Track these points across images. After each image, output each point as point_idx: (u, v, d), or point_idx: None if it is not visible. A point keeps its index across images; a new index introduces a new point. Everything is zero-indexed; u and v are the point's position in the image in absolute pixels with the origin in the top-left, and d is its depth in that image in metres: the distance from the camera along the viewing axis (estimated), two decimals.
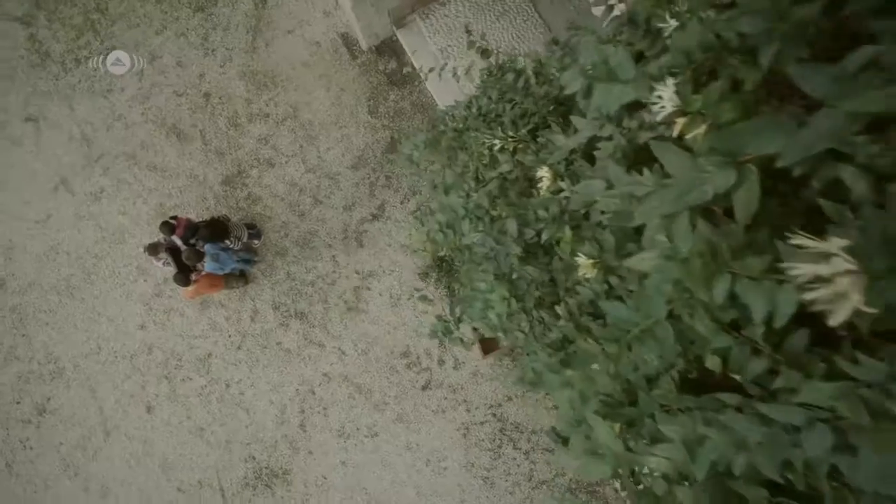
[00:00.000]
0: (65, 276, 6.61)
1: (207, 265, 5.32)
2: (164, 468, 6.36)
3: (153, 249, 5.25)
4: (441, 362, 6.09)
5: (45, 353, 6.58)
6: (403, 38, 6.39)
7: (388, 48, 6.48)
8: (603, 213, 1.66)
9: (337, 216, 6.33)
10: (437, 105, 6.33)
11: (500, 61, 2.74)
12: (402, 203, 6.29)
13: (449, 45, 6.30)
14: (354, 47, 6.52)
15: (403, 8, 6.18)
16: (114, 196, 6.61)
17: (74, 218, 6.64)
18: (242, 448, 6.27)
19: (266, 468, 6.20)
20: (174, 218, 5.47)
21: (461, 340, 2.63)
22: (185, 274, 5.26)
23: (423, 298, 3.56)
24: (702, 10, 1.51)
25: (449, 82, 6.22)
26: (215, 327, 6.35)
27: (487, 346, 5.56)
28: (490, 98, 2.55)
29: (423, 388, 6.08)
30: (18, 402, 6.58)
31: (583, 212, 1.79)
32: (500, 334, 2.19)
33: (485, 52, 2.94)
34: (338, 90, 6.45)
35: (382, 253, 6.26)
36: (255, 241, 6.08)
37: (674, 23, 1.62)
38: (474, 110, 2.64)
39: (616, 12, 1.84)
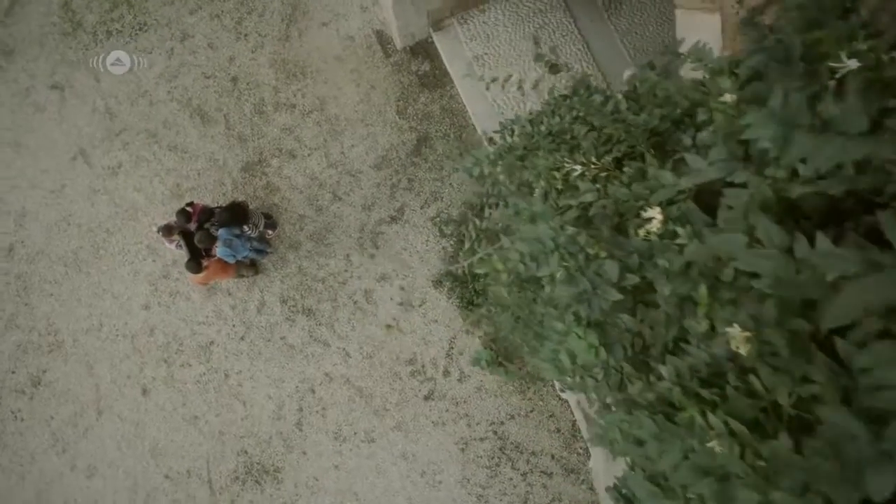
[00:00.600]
0: (74, 248, 6.51)
1: (219, 250, 5.21)
2: (153, 453, 6.24)
3: (167, 231, 5.15)
4: (447, 373, 5.96)
5: (47, 324, 6.47)
6: (439, 41, 6.30)
7: (423, 49, 6.38)
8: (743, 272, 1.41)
9: (355, 215, 6.22)
10: (466, 111, 6.23)
11: (571, 79, 2.60)
12: (421, 208, 6.18)
13: (486, 54, 6.21)
14: (389, 45, 6.43)
15: (443, 10, 6.09)
16: (131, 172, 6.52)
17: (89, 190, 6.55)
18: (235, 441, 6.14)
19: (258, 464, 6.07)
20: (190, 205, 5.36)
21: (505, 372, 2.47)
22: (197, 260, 5.15)
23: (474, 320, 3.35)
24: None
25: (479, 89, 6.13)
26: (220, 315, 6.24)
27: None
28: (561, 117, 2.40)
29: (426, 398, 5.94)
30: (14, 372, 6.47)
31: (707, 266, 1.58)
32: (567, 378, 2.02)
33: (553, 68, 2.81)
34: (367, 87, 6.36)
35: (397, 256, 6.15)
36: (270, 232, 5.97)
37: (853, 63, 1.36)
38: (542, 128, 2.48)
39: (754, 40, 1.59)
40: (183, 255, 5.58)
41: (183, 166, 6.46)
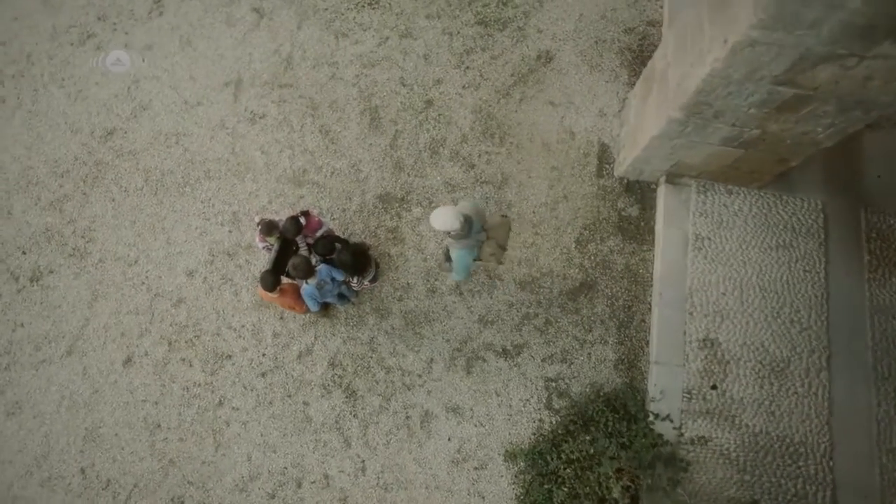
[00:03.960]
0: (165, 168, 5.57)
1: (306, 288, 4.06)
2: (87, 436, 4.97)
3: (268, 228, 4.06)
4: None
5: (87, 226, 5.48)
6: (664, 195, 5.13)
7: (640, 191, 5.24)
8: None
9: (466, 321, 4.97)
10: (651, 293, 4.96)
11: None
12: (543, 360, 4.86)
13: (708, 239, 4.98)
14: (607, 165, 5.33)
15: (691, 168, 4.95)
16: (268, 130, 5.60)
17: (218, 123, 5.66)
18: (180, 482, 4.79)
19: None
20: (306, 214, 4.28)
21: None
22: (276, 276, 4.01)
23: None
24: None
25: (680, 280, 4.88)
26: (257, 334, 5.04)
27: None
28: None
29: None
30: (24, 253, 5.47)
31: None
32: None
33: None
34: (560, 195, 5.24)
35: (485, 397, 4.80)
36: (368, 283, 4.81)
37: None
38: None
39: None
40: (264, 259, 4.49)
41: (322, 156, 5.48)
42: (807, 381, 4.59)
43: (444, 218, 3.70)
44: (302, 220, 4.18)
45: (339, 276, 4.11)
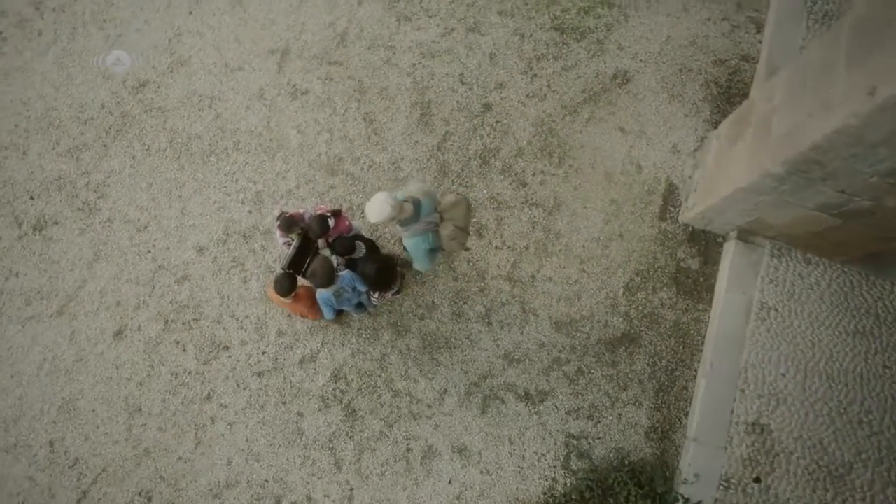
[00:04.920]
0: (193, 131, 5.16)
1: (322, 294, 3.60)
2: (63, 407, 4.59)
3: (287, 224, 3.59)
4: None
5: (102, 181, 5.10)
6: (731, 252, 4.55)
7: (704, 242, 4.68)
8: None
9: (490, 355, 4.47)
10: (699, 358, 4.40)
11: None
12: (567, 413, 4.33)
13: (775, 310, 4.40)
14: (671, 208, 4.78)
15: (767, 229, 4.37)
16: (308, 108, 5.15)
17: (256, 93, 5.23)
18: (152, 476, 4.39)
19: None
20: (336, 213, 3.80)
21: None
22: (293, 279, 3.55)
23: None
24: None
25: (735, 354, 4.31)
26: (260, 329, 4.61)
27: None
28: None
29: None
30: (32, 199, 5.11)
31: None
32: None
33: None
34: (615, 232, 4.70)
35: (496, 441, 4.30)
36: (389, 295, 4.33)
37: None
38: None
39: None
40: (281, 254, 4.04)
41: (362, 145, 5.01)
42: (869, 494, 3.99)
43: (375, 207, 3.17)
44: (331, 220, 3.71)
45: (362, 287, 3.65)
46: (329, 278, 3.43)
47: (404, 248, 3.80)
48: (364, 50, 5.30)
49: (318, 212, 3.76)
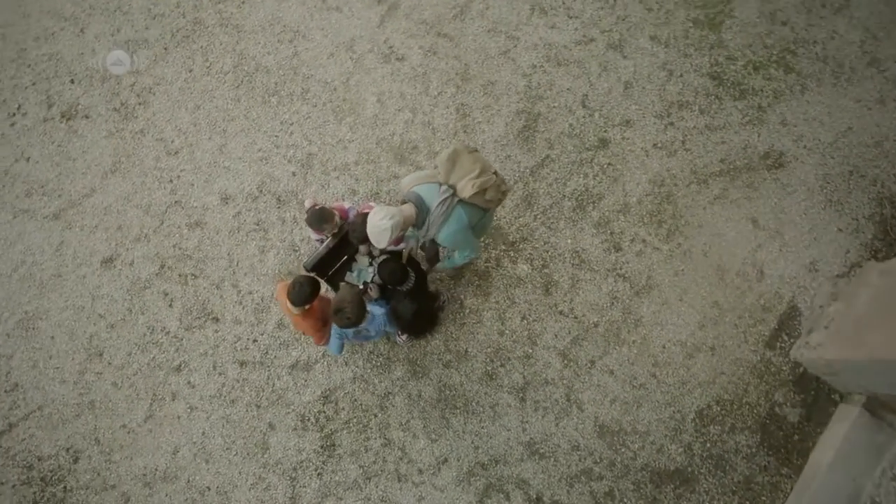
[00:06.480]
0: (263, 63, 4.45)
1: (335, 334, 2.82)
2: (23, 322, 3.97)
3: (318, 219, 2.82)
4: None
5: (149, 86, 4.44)
6: (849, 419, 3.57)
7: (814, 393, 3.69)
8: None
9: (511, 437, 3.59)
10: None
11: None
12: None
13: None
14: (786, 336, 3.79)
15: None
16: (398, 78, 4.34)
17: (347, 42, 4.46)
18: (87, 435, 3.74)
19: (71, 478, 3.65)
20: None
21: None
22: (313, 289, 2.77)
23: None
24: None
25: None
26: (259, 313, 3.88)
27: None
28: None
29: None
30: (73, 82, 4.50)
31: None
32: None
33: None
34: (707, 343, 3.76)
35: None
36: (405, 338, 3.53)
37: None
38: None
39: None
40: (310, 254, 3.29)
41: (444, 140, 4.18)
42: None
43: (374, 231, 2.57)
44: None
45: (391, 329, 2.85)
46: (359, 317, 2.62)
47: (439, 248, 3.01)
48: (482, 31, 4.47)
49: (365, 210, 2.98)
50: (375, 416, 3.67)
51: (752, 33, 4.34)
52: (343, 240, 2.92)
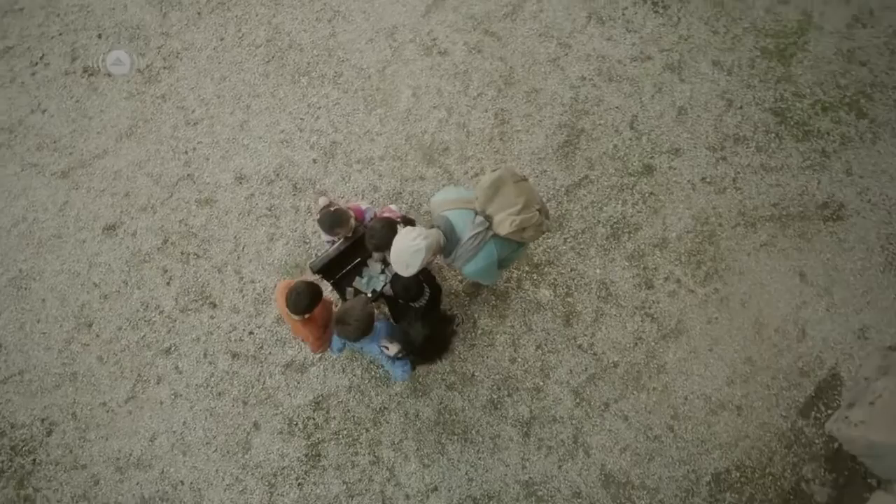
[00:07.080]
0: (297, 40, 4.21)
1: (337, 343, 2.57)
2: (15, 281, 3.79)
3: (330, 222, 2.57)
4: None
5: (177, 50, 4.22)
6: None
7: (847, 474, 3.35)
8: None
9: (508, 474, 3.30)
10: None
11: None
12: None
13: None
14: (822, 406, 3.45)
15: None
16: (437, 73, 4.07)
17: (388, 28, 4.19)
18: (65, 408, 3.54)
19: (29, 445, 3.47)
20: (410, 222, 2.71)
21: None
22: (315, 296, 2.50)
23: None
24: None
25: None
26: (259, 304, 3.65)
27: None
28: None
29: None
30: (100, 37, 4.31)
31: None
32: None
33: None
34: (734, 402, 3.43)
35: None
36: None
37: None
38: None
39: None
40: (319, 254, 3.05)
41: (480, 145, 3.92)
42: None
43: (404, 257, 2.39)
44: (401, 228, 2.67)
45: (399, 351, 2.58)
46: (365, 331, 2.37)
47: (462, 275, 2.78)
48: (533, 34, 4.18)
49: (386, 214, 2.73)
50: (367, 430, 3.42)
51: (824, 70, 3.99)
52: (356, 242, 2.68)
